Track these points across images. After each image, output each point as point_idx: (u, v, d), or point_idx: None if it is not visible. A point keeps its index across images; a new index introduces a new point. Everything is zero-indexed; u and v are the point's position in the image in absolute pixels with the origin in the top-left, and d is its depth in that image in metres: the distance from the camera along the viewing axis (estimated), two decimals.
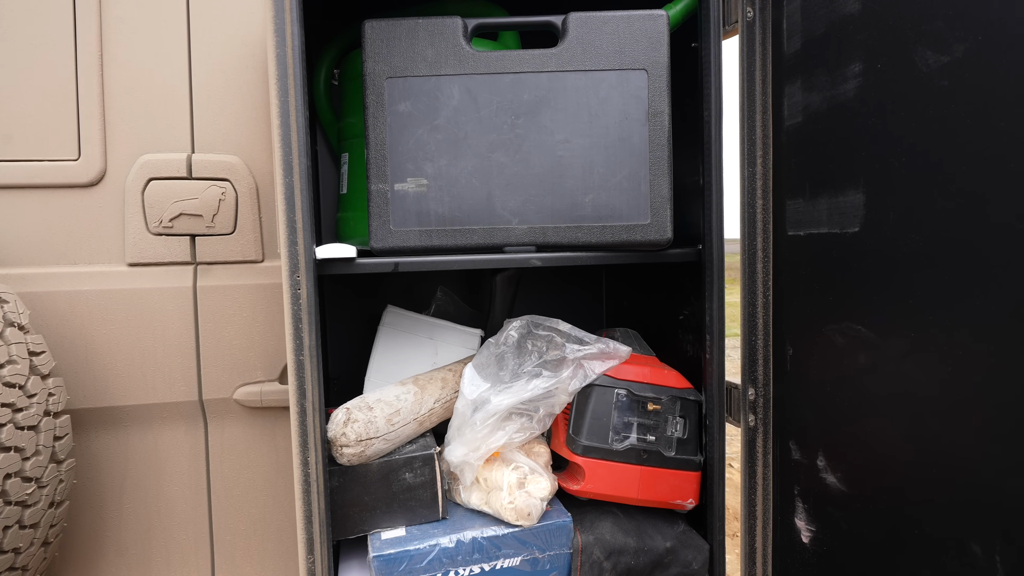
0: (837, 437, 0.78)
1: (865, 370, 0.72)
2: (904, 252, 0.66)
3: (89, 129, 1.20)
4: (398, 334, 1.08)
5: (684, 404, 0.93)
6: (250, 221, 1.27)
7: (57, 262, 1.21)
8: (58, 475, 1.01)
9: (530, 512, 0.83)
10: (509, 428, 0.85)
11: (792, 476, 0.87)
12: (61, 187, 1.20)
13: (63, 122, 1.19)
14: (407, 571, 0.79)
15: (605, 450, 0.89)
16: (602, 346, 0.88)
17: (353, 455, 0.78)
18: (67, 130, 1.19)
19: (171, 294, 1.24)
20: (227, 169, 1.25)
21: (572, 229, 0.88)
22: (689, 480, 0.92)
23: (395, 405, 0.83)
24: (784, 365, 0.88)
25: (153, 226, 1.23)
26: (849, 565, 0.77)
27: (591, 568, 0.86)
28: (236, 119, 1.28)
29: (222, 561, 1.30)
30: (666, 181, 0.88)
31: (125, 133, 1.22)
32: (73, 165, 1.20)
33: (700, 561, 0.92)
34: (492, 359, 0.89)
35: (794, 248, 0.84)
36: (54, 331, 1.18)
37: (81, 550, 1.22)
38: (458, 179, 0.88)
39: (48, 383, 1.01)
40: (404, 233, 0.88)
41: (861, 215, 0.72)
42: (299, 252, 0.75)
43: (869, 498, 0.73)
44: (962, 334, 0.60)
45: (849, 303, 0.74)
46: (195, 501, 1.28)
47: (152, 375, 1.24)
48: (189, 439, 1.28)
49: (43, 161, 1.19)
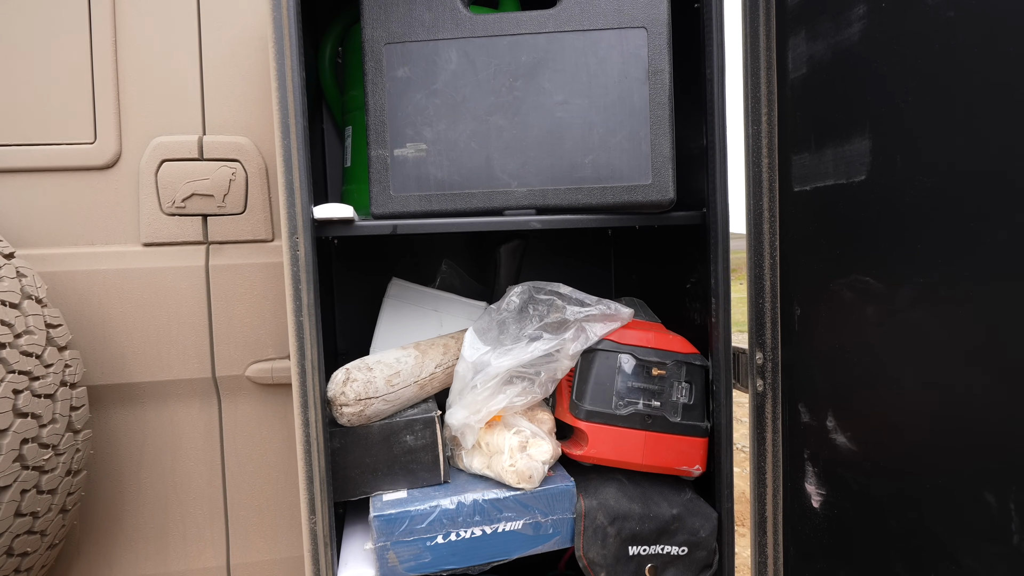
0: (846, 396, 0.75)
1: (874, 323, 0.70)
2: (912, 196, 0.63)
3: (104, 113, 1.23)
4: (403, 306, 1.09)
5: (690, 369, 0.91)
6: (260, 201, 1.29)
7: (75, 243, 1.24)
8: (75, 444, 1.03)
9: (531, 475, 0.82)
10: (510, 392, 0.84)
11: (801, 440, 0.84)
12: (78, 170, 1.24)
13: (79, 106, 1.22)
14: (408, 531, 0.79)
15: (609, 415, 0.88)
16: (603, 307, 0.87)
17: (353, 415, 0.78)
18: (83, 114, 1.23)
19: (184, 273, 1.26)
20: (237, 150, 1.27)
21: (572, 191, 0.87)
22: (695, 446, 0.90)
23: (395, 367, 0.83)
24: (792, 326, 0.85)
25: (166, 207, 1.25)
26: (860, 527, 0.74)
27: (594, 533, 0.85)
28: (245, 101, 1.30)
29: (236, 535, 1.32)
30: (667, 140, 0.86)
31: (139, 116, 1.25)
32: (89, 148, 1.23)
33: (708, 529, 0.90)
34: (493, 324, 0.89)
35: (800, 204, 0.82)
36: (73, 309, 1.21)
37: (101, 522, 1.25)
38: (457, 143, 0.87)
39: (65, 355, 1.04)
40: (404, 198, 0.88)
41: (867, 162, 0.69)
42: (297, 212, 0.76)
43: (880, 456, 0.70)
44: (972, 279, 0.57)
45: (856, 255, 0.72)
46: (210, 476, 1.31)
47: (167, 352, 1.26)
48: (204, 415, 1.30)
49: (60, 145, 1.22)
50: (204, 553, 1.30)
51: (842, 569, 0.77)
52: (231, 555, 1.31)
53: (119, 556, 1.26)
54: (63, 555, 1.21)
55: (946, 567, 0.61)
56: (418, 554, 0.79)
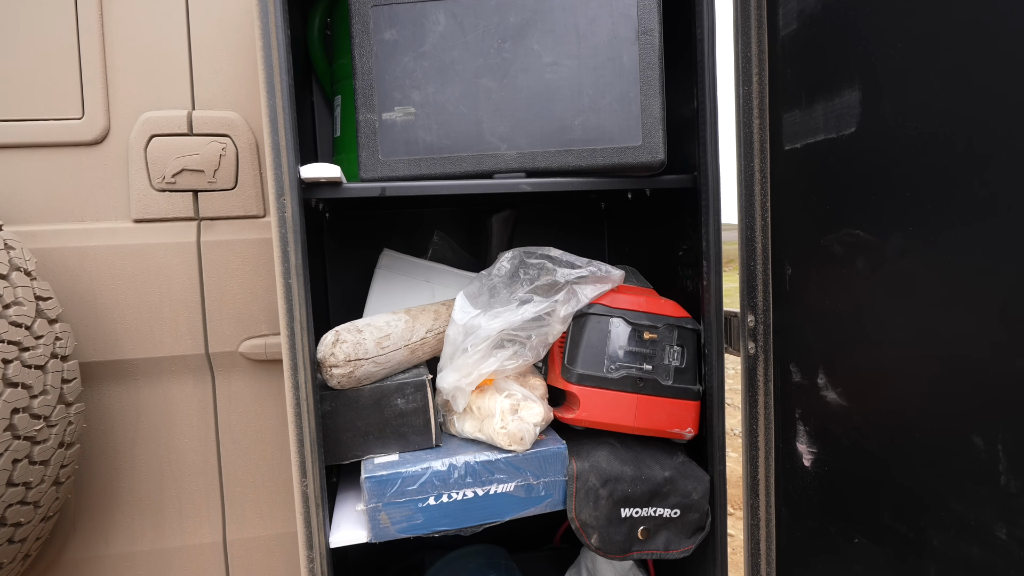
0: (837, 352, 0.75)
1: (864, 276, 0.70)
2: (901, 142, 0.63)
3: (92, 88, 1.22)
4: (395, 276, 1.08)
5: (681, 333, 0.91)
6: (251, 177, 1.28)
7: (65, 219, 1.23)
8: (67, 417, 1.03)
9: (523, 436, 0.82)
10: (501, 355, 0.84)
11: (793, 400, 0.84)
12: (66, 145, 1.23)
13: (66, 81, 1.21)
14: (399, 493, 0.79)
15: (600, 378, 0.88)
16: (593, 269, 0.86)
17: (342, 376, 0.78)
18: (71, 89, 1.22)
19: (176, 249, 1.26)
20: (227, 125, 1.27)
21: (562, 153, 0.87)
22: (687, 409, 0.90)
23: (385, 330, 0.83)
24: (784, 287, 0.85)
25: (156, 182, 1.24)
26: (851, 482, 0.74)
27: (587, 495, 0.85)
28: (235, 76, 1.29)
29: (232, 512, 1.32)
30: (657, 101, 0.86)
31: (127, 91, 1.24)
32: (77, 124, 1.22)
33: (700, 492, 0.90)
34: (484, 289, 0.89)
35: (791, 163, 0.82)
36: (64, 286, 1.21)
37: (96, 499, 1.26)
38: (445, 106, 0.87)
39: (55, 328, 1.03)
40: (393, 163, 0.87)
41: (857, 113, 0.69)
42: (284, 173, 0.75)
43: (870, 409, 0.70)
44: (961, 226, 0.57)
45: (846, 209, 0.72)
46: (205, 453, 1.31)
47: (159, 329, 1.26)
48: (197, 392, 1.30)
49: (48, 120, 1.21)
50: (200, 529, 1.31)
51: (833, 525, 0.77)
52: (227, 531, 1.31)
53: (115, 532, 1.26)
54: (59, 530, 1.21)
55: (935, 513, 0.61)
56: (410, 515, 0.79)
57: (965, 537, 0.58)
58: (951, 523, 0.60)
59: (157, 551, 1.29)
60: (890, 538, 0.67)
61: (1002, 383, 0.54)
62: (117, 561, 1.27)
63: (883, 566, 0.69)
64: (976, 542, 0.57)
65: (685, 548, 0.90)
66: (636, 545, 0.88)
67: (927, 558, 0.62)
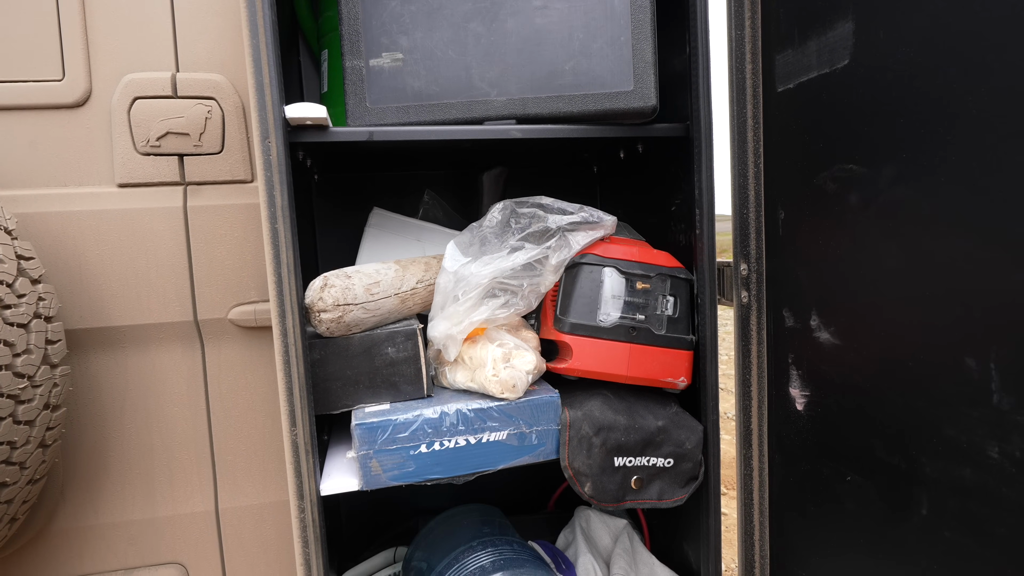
0: (829, 292, 0.75)
1: (857, 210, 0.69)
2: (894, 71, 0.62)
3: (72, 48, 1.19)
4: (385, 235, 1.07)
5: (674, 283, 0.90)
6: (238, 141, 1.26)
7: (47, 184, 1.21)
8: (52, 378, 1.01)
9: (515, 384, 0.81)
10: (493, 304, 0.83)
11: (786, 345, 0.84)
12: (47, 108, 1.20)
13: (45, 42, 1.18)
14: (390, 440, 0.78)
15: (593, 328, 0.87)
16: (585, 214, 0.86)
17: (331, 322, 0.77)
18: (50, 50, 1.19)
19: (162, 214, 1.24)
20: (212, 88, 1.24)
21: (553, 99, 0.85)
22: (680, 358, 0.90)
23: (374, 277, 0.82)
24: (776, 232, 0.85)
25: (141, 146, 1.22)
26: (843, 420, 0.74)
27: (580, 443, 0.85)
28: (219, 38, 1.26)
29: (224, 480, 1.31)
30: (649, 45, 0.85)
31: (108, 52, 1.21)
32: (57, 86, 1.19)
33: (693, 441, 0.90)
34: (475, 240, 0.88)
35: (784, 105, 0.81)
36: (48, 251, 1.18)
37: (85, 468, 1.24)
38: (434, 52, 0.85)
39: (38, 288, 1.01)
40: (381, 110, 0.85)
41: (850, 44, 0.68)
42: (268, 113, 0.74)
43: (863, 343, 0.70)
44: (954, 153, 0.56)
45: (839, 145, 0.71)
46: (195, 421, 1.29)
47: (146, 296, 1.24)
48: (187, 360, 1.28)
49: (27, 82, 1.18)
50: (192, 498, 1.30)
51: (826, 466, 0.77)
52: (220, 500, 1.30)
53: (105, 501, 1.25)
54: (47, 498, 1.20)
55: (928, 440, 0.61)
56: (401, 463, 0.79)
57: (957, 460, 0.58)
58: (943, 449, 0.60)
59: (148, 520, 1.27)
60: (882, 471, 0.67)
61: (994, 303, 0.54)
62: (108, 530, 1.26)
63: (875, 500, 0.69)
64: (969, 464, 0.57)
65: (678, 498, 0.90)
66: (630, 495, 0.88)
67: (919, 486, 0.62)
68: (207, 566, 1.30)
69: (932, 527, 0.61)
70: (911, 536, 0.64)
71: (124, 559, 1.27)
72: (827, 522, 0.78)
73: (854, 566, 0.74)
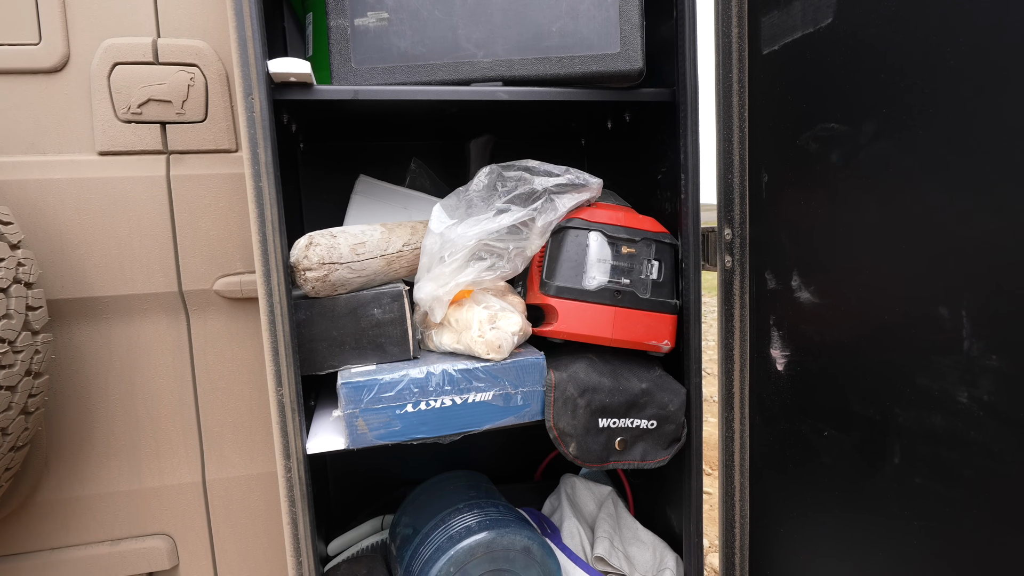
0: (810, 250, 0.76)
1: (837, 169, 0.70)
2: (876, 26, 0.63)
3: (48, 10, 1.16)
4: (371, 203, 1.07)
5: (659, 247, 0.91)
6: (222, 109, 1.24)
7: (25, 151, 1.18)
8: (34, 345, 1.00)
9: (500, 344, 0.82)
10: (479, 266, 0.83)
11: (767, 308, 0.85)
12: (23, 72, 1.17)
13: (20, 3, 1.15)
14: (376, 399, 0.78)
15: (578, 291, 0.88)
16: (571, 176, 0.86)
17: (316, 280, 0.77)
18: (25, 12, 1.16)
19: (144, 183, 1.22)
20: (195, 54, 1.22)
21: (539, 61, 0.85)
22: (664, 322, 0.91)
23: (360, 238, 0.81)
24: (760, 196, 0.85)
25: (122, 113, 1.20)
26: (820, 378, 0.76)
27: (564, 404, 0.86)
28: (203, 3, 1.24)
29: (211, 451, 1.31)
30: (636, 7, 0.84)
31: (87, 16, 1.18)
32: (34, 49, 1.16)
33: (676, 404, 0.91)
34: (462, 203, 0.88)
35: (768, 67, 0.81)
36: (27, 220, 1.16)
37: (69, 439, 1.23)
38: (419, 11, 0.84)
39: (17, 253, 0.99)
40: (366, 71, 0.85)
41: (834, 2, 0.68)
42: (251, 68, 0.73)
43: (841, 300, 0.71)
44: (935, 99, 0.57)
45: (822, 104, 0.72)
46: (181, 393, 1.29)
47: (129, 266, 1.23)
48: (172, 331, 1.27)
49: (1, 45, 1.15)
50: (178, 469, 1.29)
51: (804, 424, 0.79)
52: (207, 471, 1.30)
53: (90, 473, 1.24)
54: (31, 469, 1.19)
55: (900, 391, 0.63)
56: (387, 422, 0.79)
57: (929, 408, 0.59)
58: (916, 398, 0.61)
59: (135, 491, 1.27)
60: (858, 424, 0.69)
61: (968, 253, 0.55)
62: (93, 501, 1.25)
63: (851, 453, 0.71)
64: (939, 411, 0.58)
65: (661, 459, 0.92)
66: (613, 456, 0.90)
67: (893, 436, 0.64)
68: (195, 537, 1.30)
69: (904, 475, 0.63)
70: (884, 485, 0.66)
71: (111, 530, 1.27)
72: (805, 479, 0.80)
73: (830, 519, 0.76)
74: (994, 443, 0.53)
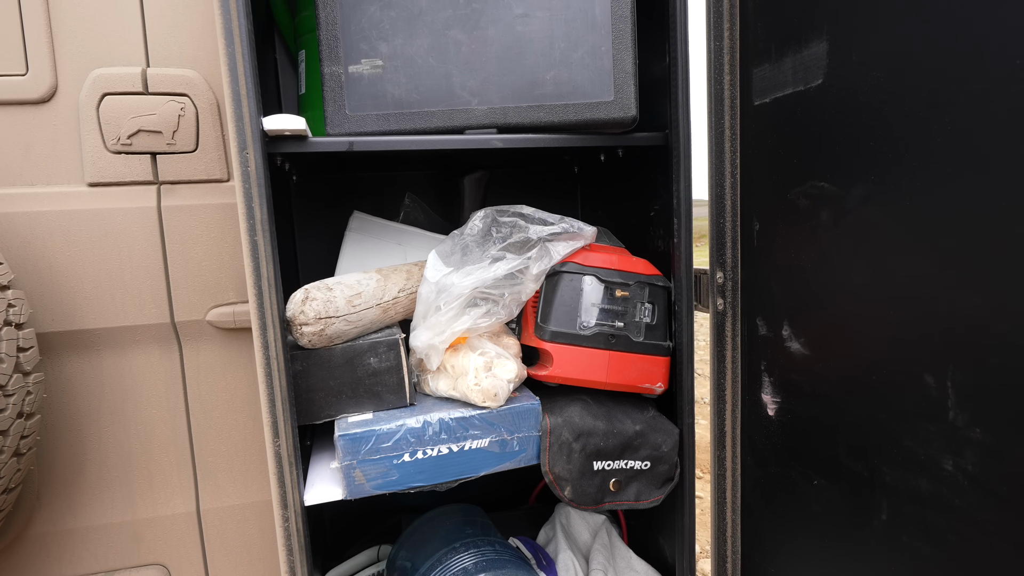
0: (801, 304, 0.78)
1: (828, 227, 0.71)
2: (865, 93, 0.64)
3: (35, 41, 1.15)
4: (365, 239, 1.07)
5: (652, 290, 0.92)
6: (212, 139, 1.23)
7: (13, 182, 1.17)
8: (25, 386, 1.00)
9: (496, 393, 0.83)
10: (475, 313, 0.84)
11: (759, 353, 0.87)
12: (11, 104, 1.16)
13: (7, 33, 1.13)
14: (373, 450, 0.79)
15: (573, 335, 0.89)
16: (566, 225, 0.86)
17: (313, 335, 0.77)
18: (12, 43, 1.14)
19: (135, 215, 1.21)
20: (185, 84, 1.21)
21: (533, 108, 0.85)
22: (658, 364, 0.92)
23: (356, 288, 0.82)
24: (752, 242, 0.87)
25: (111, 144, 1.19)
26: (811, 427, 0.77)
27: (560, 449, 0.87)
28: (192, 33, 1.23)
29: (206, 482, 1.30)
30: (629, 56, 0.85)
31: (74, 46, 1.17)
32: (21, 80, 1.15)
33: (670, 444, 0.92)
34: (457, 248, 0.88)
35: (760, 119, 0.82)
36: (15, 253, 1.15)
37: (62, 472, 1.23)
38: (414, 59, 0.84)
39: (7, 294, 0.99)
40: (360, 118, 0.85)
41: (824, 64, 0.69)
42: (245, 124, 0.72)
43: (831, 356, 0.73)
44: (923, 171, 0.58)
45: (812, 161, 0.73)
46: (174, 424, 1.28)
47: (121, 297, 1.22)
48: (164, 362, 1.27)
49: None
50: (172, 500, 1.29)
51: (794, 470, 0.81)
52: (201, 501, 1.30)
53: (83, 504, 1.24)
54: (23, 504, 1.18)
55: (888, 451, 0.65)
56: (385, 472, 0.80)
57: (915, 471, 0.61)
58: (903, 459, 0.63)
59: (128, 522, 1.27)
60: (847, 477, 0.71)
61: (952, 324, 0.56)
62: (87, 533, 1.25)
63: (839, 503, 0.72)
64: (925, 475, 0.60)
65: (655, 498, 0.93)
66: (608, 496, 0.91)
67: (880, 492, 0.66)
68: (189, 567, 1.30)
69: (891, 532, 0.65)
70: (871, 539, 0.68)
71: (104, 562, 1.26)
72: (794, 522, 0.81)
73: (818, 563, 0.78)
74: (978, 512, 0.54)
